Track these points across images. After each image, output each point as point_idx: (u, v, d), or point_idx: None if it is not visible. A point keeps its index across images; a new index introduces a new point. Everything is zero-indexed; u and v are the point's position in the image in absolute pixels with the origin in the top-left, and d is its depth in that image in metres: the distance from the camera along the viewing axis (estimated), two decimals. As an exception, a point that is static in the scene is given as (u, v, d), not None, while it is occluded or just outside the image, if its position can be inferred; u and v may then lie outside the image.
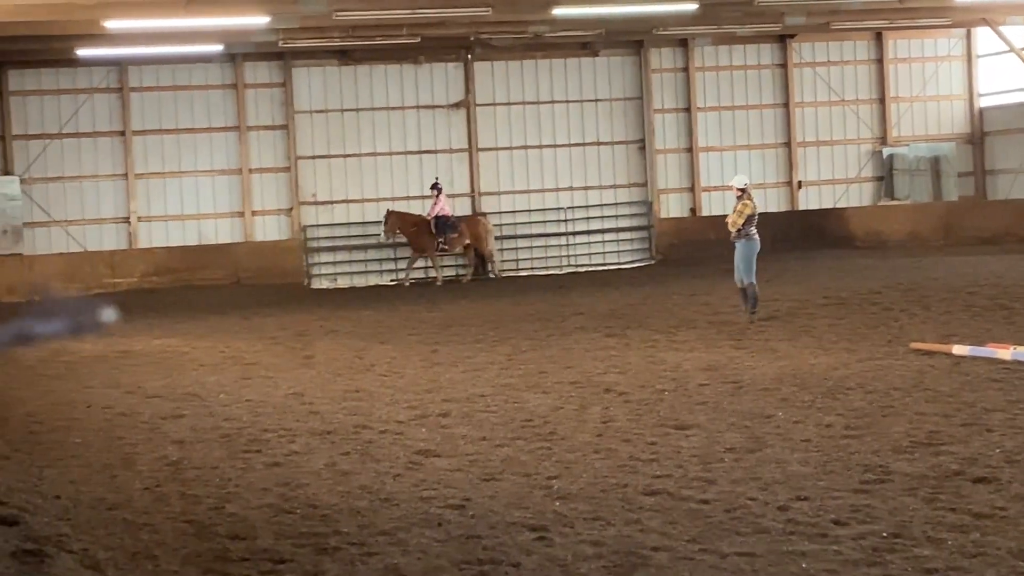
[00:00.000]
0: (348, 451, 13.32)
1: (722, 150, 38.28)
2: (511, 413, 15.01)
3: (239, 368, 19.80)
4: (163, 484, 12.21)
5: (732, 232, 22.16)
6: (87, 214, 34.48)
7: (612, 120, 37.70)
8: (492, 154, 36.86)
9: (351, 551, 9.67)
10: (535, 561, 9.21)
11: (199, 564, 9.51)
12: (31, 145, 34.19)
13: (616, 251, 37.28)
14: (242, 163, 35.34)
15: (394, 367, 19.18)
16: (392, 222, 33.82)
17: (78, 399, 17.52)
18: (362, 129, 36.08)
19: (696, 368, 17.63)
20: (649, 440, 13.13)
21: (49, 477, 12.59)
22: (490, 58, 36.67)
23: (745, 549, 9.23)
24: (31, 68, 33.98)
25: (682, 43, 37.85)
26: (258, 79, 35.59)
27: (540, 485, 11.45)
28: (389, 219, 33.84)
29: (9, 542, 9.80)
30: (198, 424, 15.23)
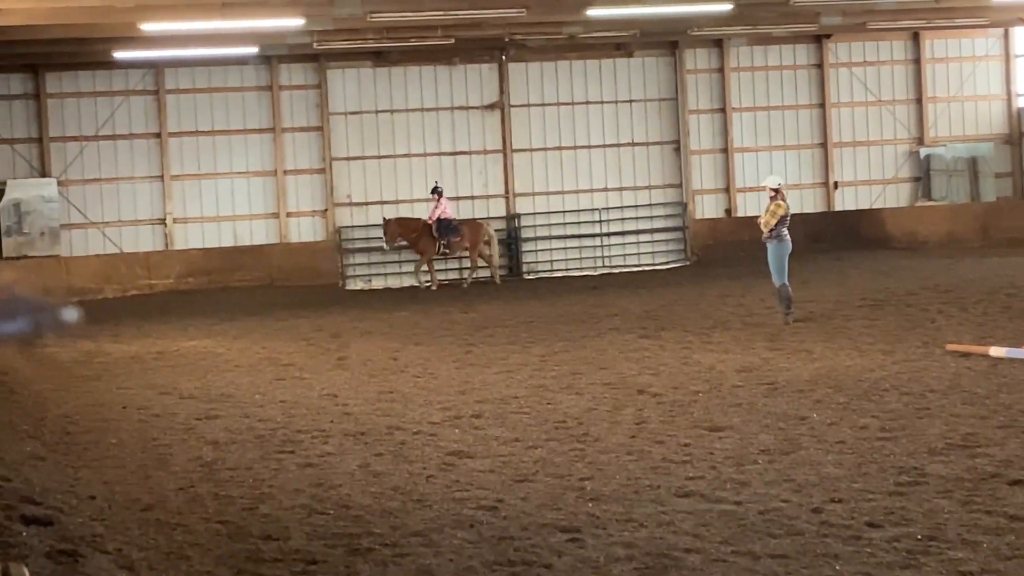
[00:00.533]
0: (381, 452, 13.34)
1: (757, 151, 38.16)
2: (544, 414, 15.00)
3: (273, 369, 19.85)
4: (197, 485, 12.25)
5: (764, 232, 22.07)
6: (123, 216, 34.62)
7: (647, 121, 37.63)
8: (526, 155, 36.83)
9: (384, 552, 9.68)
10: (567, 563, 9.20)
11: (232, 564, 9.54)
12: (68, 147, 34.35)
13: (651, 252, 37.18)
14: (277, 165, 35.43)
15: (428, 368, 19.19)
16: (392, 231, 33.38)
17: (114, 400, 17.59)
18: (396, 130, 36.11)
19: (730, 369, 17.57)
20: (682, 442, 13.10)
21: (84, 478, 12.64)
22: (524, 59, 36.65)
23: (778, 551, 9.20)
24: (68, 71, 34.14)
25: (717, 43, 37.75)
26: (293, 81, 35.67)
27: (573, 487, 11.43)
28: (388, 227, 33.40)
29: (44, 542, 9.85)
30: (232, 425, 15.27)
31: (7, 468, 12.52)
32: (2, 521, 10.22)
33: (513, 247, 36.42)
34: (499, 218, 36.39)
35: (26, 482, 11.99)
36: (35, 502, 11.08)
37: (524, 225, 36.49)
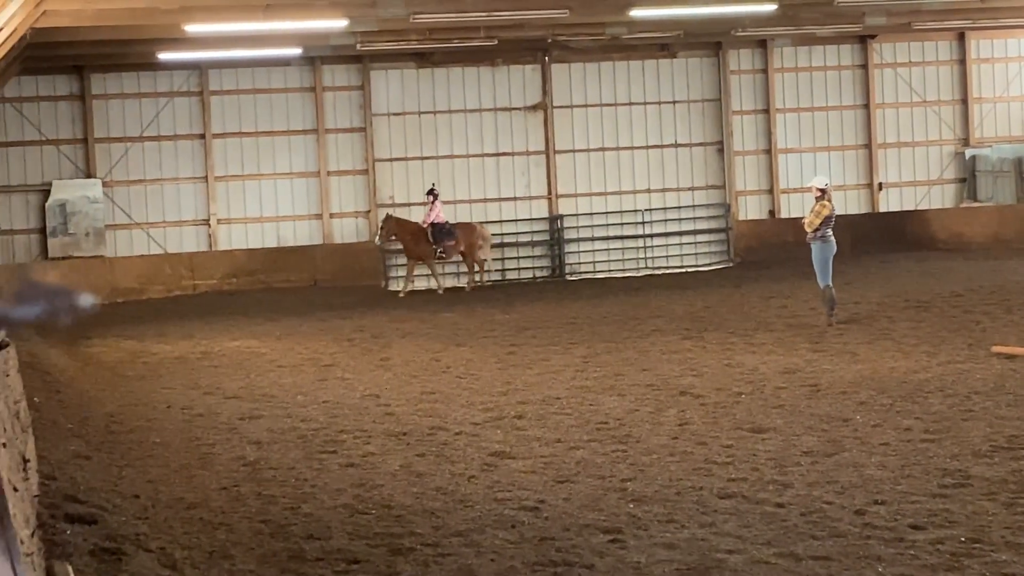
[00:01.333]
0: (423, 452, 13.36)
1: (801, 151, 38.00)
2: (586, 415, 15.00)
3: (316, 370, 19.91)
4: (240, 484, 12.30)
5: (808, 233, 21.98)
6: (168, 216, 34.78)
7: (690, 122, 37.53)
8: (569, 156, 36.80)
9: (425, 552, 9.70)
10: (608, 563, 9.19)
11: (275, 564, 9.57)
12: (113, 148, 34.54)
13: (694, 253, 37.09)
14: (320, 166, 35.51)
15: (470, 369, 19.20)
16: (389, 227, 32.68)
17: (158, 400, 17.69)
18: (439, 131, 36.14)
19: (773, 371, 17.52)
20: (725, 443, 13.07)
21: (128, 476, 12.72)
22: (567, 60, 36.62)
23: (821, 553, 9.16)
24: (113, 72, 34.32)
25: (761, 44, 37.62)
26: (336, 82, 35.75)
27: (614, 488, 11.42)
28: (386, 224, 32.79)
29: (88, 540, 9.90)
30: (275, 425, 15.33)
31: (52, 467, 12.60)
32: (47, 519, 10.28)
33: (556, 248, 36.40)
34: (542, 219, 36.38)
35: (71, 481, 12.07)
36: (79, 501, 11.14)
37: (567, 226, 36.46)
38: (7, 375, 12.00)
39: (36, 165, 34.06)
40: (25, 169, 33.99)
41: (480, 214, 35.92)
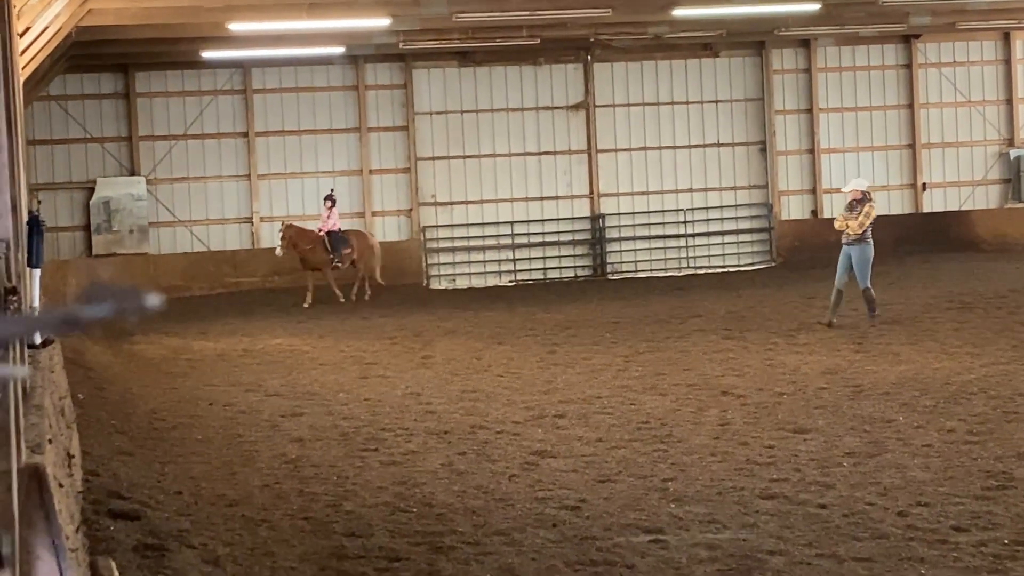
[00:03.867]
0: (464, 451, 13.37)
1: (844, 152, 37.85)
2: (628, 415, 14.98)
3: (358, 367, 19.96)
4: (282, 481, 12.35)
5: (853, 234, 21.85)
6: (211, 214, 34.93)
7: (733, 121, 37.43)
8: (611, 155, 36.77)
9: (466, 550, 9.71)
10: (649, 563, 9.18)
11: (316, 561, 9.60)
12: (157, 146, 34.71)
13: (736, 253, 37.00)
14: (363, 164, 35.59)
15: (511, 368, 19.21)
16: (290, 238, 30.90)
17: (200, 396, 17.77)
18: (481, 130, 36.17)
19: (815, 371, 17.46)
20: (767, 443, 13.03)
21: (171, 473, 12.78)
22: (610, 59, 36.58)
23: (863, 554, 9.13)
24: (157, 70, 34.49)
25: (804, 43, 37.48)
26: (379, 81, 35.83)
27: (656, 487, 11.41)
28: (287, 234, 30.90)
29: (131, 536, 9.96)
30: (317, 422, 15.38)
31: (96, 463, 12.68)
32: (91, 515, 10.35)
33: (598, 248, 36.38)
34: (583, 218, 36.37)
35: (114, 477, 12.14)
36: (123, 497, 11.21)
37: (609, 226, 36.43)
38: (52, 371, 12.08)
39: (81, 163, 34.27)
40: (70, 167, 34.21)
41: (522, 213, 35.95)
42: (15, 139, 8.37)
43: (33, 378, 9.26)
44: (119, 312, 1.58)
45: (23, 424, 6.22)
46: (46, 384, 9.99)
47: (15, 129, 8.82)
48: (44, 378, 10.15)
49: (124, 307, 1.59)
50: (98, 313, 1.63)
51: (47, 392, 9.62)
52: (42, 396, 8.79)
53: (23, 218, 12.41)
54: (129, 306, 1.59)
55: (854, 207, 22.08)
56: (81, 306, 1.75)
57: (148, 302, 1.64)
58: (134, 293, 1.60)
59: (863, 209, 21.86)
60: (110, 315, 1.61)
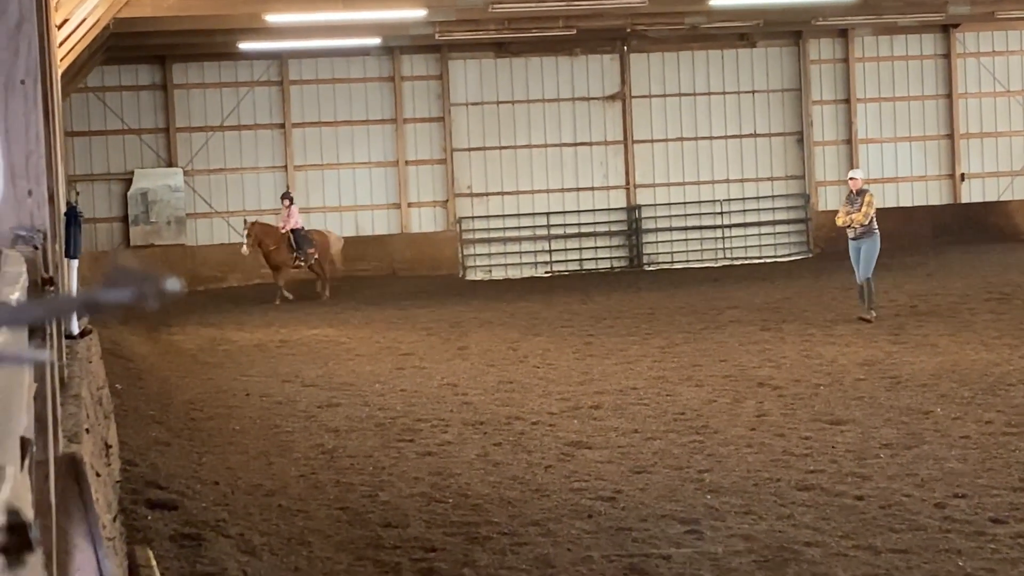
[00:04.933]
0: (500, 442, 13.38)
1: (882, 142, 37.66)
2: (664, 406, 14.96)
3: (394, 358, 19.99)
4: (318, 472, 12.38)
5: (858, 228, 21.58)
6: (247, 205, 35.00)
7: (770, 112, 37.29)
8: (647, 146, 36.68)
9: (502, 541, 9.72)
10: (685, 554, 9.17)
11: (352, 551, 9.63)
12: (194, 137, 34.81)
13: (773, 244, 36.88)
14: (399, 155, 35.62)
15: (547, 359, 19.20)
16: (256, 236, 30.03)
17: (237, 387, 17.83)
18: (517, 121, 36.14)
19: (853, 363, 17.39)
20: (803, 435, 12.99)
21: (208, 463, 12.83)
22: (646, 50, 36.49)
23: (900, 546, 9.09)
24: (194, 62, 34.58)
25: (842, 33, 37.30)
26: (415, 72, 35.83)
27: (692, 478, 11.39)
28: (253, 232, 30.09)
29: (169, 526, 10.01)
30: (353, 413, 15.41)
31: (134, 453, 12.75)
32: (128, 505, 10.40)
33: (634, 238, 36.32)
34: (619, 209, 36.32)
35: (152, 467, 12.20)
36: (160, 487, 11.26)
37: (645, 216, 36.36)
38: (90, 362, 12.14)
39: (119, 154, 34.42)
40: (108, 158, 34.36)
41: (558, 204, 35.92)
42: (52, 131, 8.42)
43: (71, 368, 9.31)
44: (140, 297, 1.59)
45: (61, 414, 6.26)
46: (84, 374, 10.04)
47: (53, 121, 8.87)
48: (82, 369, 10.21)
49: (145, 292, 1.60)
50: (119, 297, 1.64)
51: (85, 382, 9.67)
52: (80, 386, 8.84)
53: (60, 209, 12.48)
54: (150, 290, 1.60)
55: (854, 200, 21.80)
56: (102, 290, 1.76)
57: (169, 287, 1.65)
58: (155, 278, 1.61)
59: (864, 199, 21.63)
60: (131, 299, 1.61)
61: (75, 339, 14.76)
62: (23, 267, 3.99)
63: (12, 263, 4.10)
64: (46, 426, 4.44)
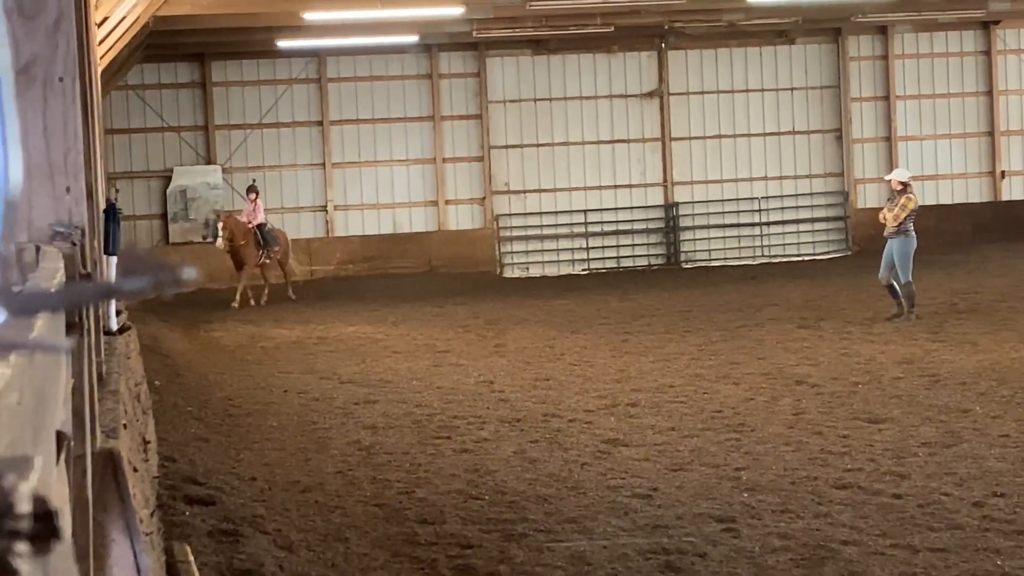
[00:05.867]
0: (537, 439, 13.38)
1: (922, 139, 37.48)
2: (701, 404, 14.93)
3: (431, 355, 20.01)
4: (355, 468, 12.41)
5: (891, 228, 21.42)
6: (286, 203, 35.13)
7: (808, 109, 37.17)
8: (685, 143, 36.62)
9: (538, 538, 9.72)
10: (722, 552, 9.15)
11: (388, 547, 9.65)
12: (233, 135, 34.94)
13: (811, 242, 36.76)
14: (436, 153, 35.67)
15: (584, 356, 19.19)
16: (230, 230, 28.69)
17: (275, 384, 17.89)
18: (555, 118, 36.13)
19: (891, 361, 17.31)
20: (841, 433, 12.94)
21: (246, 459, 12.88)
22: (684, 47, 36.43)
23: (938, 545, 9.05)
24: (233, 59, 34.71)
25: (881, 30, 37.14)
26: (452, 69, 35.88)
27: (728, 476, 11.36)
28: (228, 225, 28.77)
29: (206, 522, 10.05)
30: (390, 410, 15.43)
31: (172, 449, 12.81)
32: (166, 500, 10.45)
33: (671, 236, 36.27)
34: (657, 207, 36.26)
35: (190, 463, 12.26)
36: (198, 482, 11.32)
37: (682, 214, 36.30)
38: (128, 358, 12.21)
39: (158, 151, 34.58)
40: (147, 155, 34.53)
41: (595, 201, 35.90)
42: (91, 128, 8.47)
43: (109, 364, 9.36)
44: (156, 285, 1.61)
45: (98, 410, 6.30)
46: (122, 370, 10.10)
47: (92, 118, 8.92)
48: (120, 364, 10.26)
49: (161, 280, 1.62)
50: (136, 286, 1.66)
51: (123, 378, 9.72)
52: (118, 382, 8.89)
53: (99, 206, 12.54)
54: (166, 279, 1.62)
55: (894, 199, 21.65)
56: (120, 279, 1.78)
57: (184, 276, 1.67)
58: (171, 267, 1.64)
59: (899, 201, 21.44)
60: (147, 288, 1.64)
61: (114, 335, 14.85)
62: (60, 263, 4.01)
63: (50, 259, 4.12)
64: (84, 421, 4.47)
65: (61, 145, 5.82)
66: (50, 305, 1.89)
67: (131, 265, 1.72)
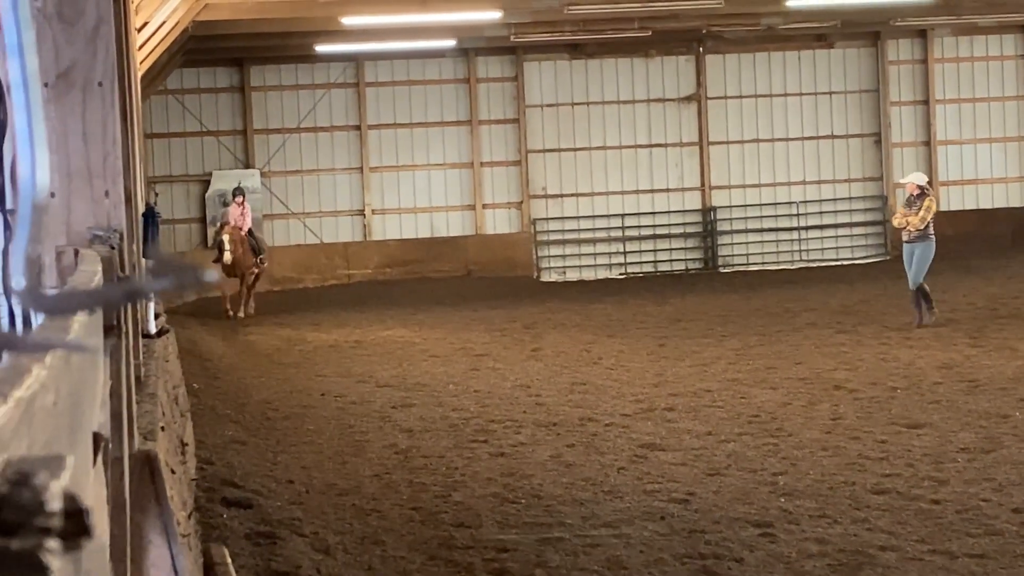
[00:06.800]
0: (573, 443, 13.37)
1: (962, 143, 37.27)
2: (738, 408, 14.89)
3: (468, 359, 20.02)
4: (392, 472, 12.43)
5: (913, 232, 21.26)
6: (324, 207, 35.23)
7: (847, 113, 37.02)
8: (723, 148, 36.53)
9: (574, 542, 9.71)
10: (758, 557, 9.12)
11: (425, 550, 9.66)
12: (271, 139, 35.06)
13: (849, 246, 36.60)
14: (473, 157, 35.69)
15: (621, 360, 19.17)
16: (236, 241, 27.11)
17: (312, 387, 17.94)
18: (592, 123, 36.10)
19: (930, 366, 17.23)
20: (879, 438, 12.88)
21: (283, 462, 12.92)
22: (722, 51, 36.35)
23: (977, 551, 9.00)
24: (272, 64, 34.82)
25: (921, 34, 36.96)
26: (490, 73, 35.89)
27: (765, 481, 11.33)
28: (235, 235, 27.21)
29: (244, 524, 10.09)
30: (427, 414, 15.46)
31: (210, 452, 12.86)
32: (204, 503, 10.50)
33: (709, 240, 36.19)
34: (695, 211, 36.20)
35: (228, 466, 12.30)
36: (236, 485, 11.36)
37: (720, 218, 36.21)
38: (167, 361, 12.26)
39: (197, 155, 34.73)
40: (186, 159, 34.67)
41: (632, 205, 35.86)
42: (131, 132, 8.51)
43: (147, 367, 9.41)
44: (179, 286, 1.64)
45: (136, 412, 6.33)
46: (160, 373, 10.15)
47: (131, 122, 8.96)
48: (158, 367, 10.31)
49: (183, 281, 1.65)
50: (159, 286, 1.69)
51: (161, 381, 9.77)
52: (156, 385, 8.93)
53: (138, 209, 12.60)
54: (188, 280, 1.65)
55: (912, 203, 21.45)
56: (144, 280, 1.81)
57: (205, 277, 1.70)
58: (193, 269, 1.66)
59: (923, 204, 21.27)
60: (170, 288, 1.66)
61: (152, 338, 14.92)
62: (98, 266, 4.04)
63: (88, 262, 4.15)
64: (121, 423, 4.49)
65: (100, 149, 5.85)
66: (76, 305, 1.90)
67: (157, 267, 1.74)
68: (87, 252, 4.57)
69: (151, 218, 18.11)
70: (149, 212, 18.10)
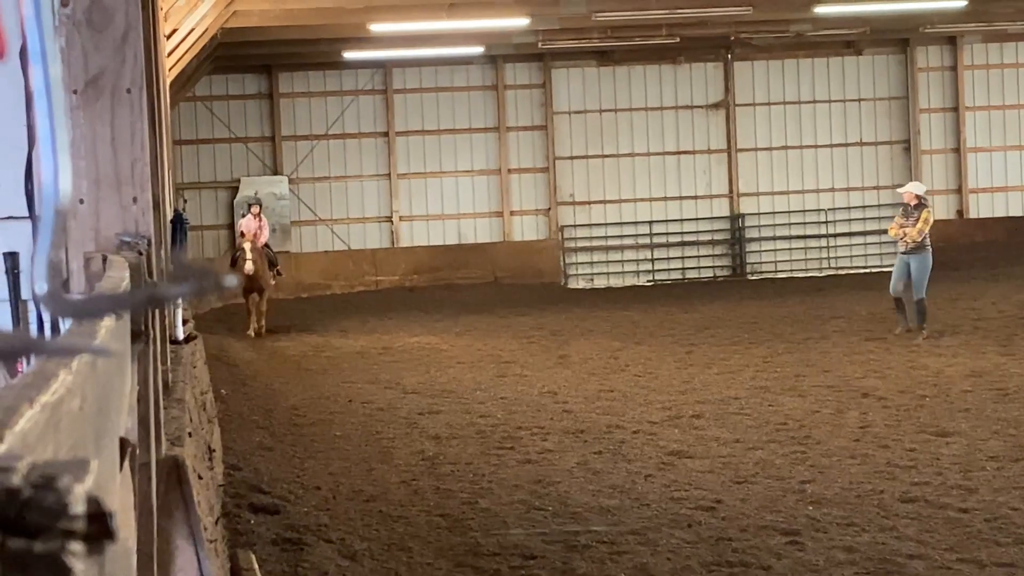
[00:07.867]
0: (600, 450, 13.35)
1: (991, 151, 37.13)
2: (766, 416, 14.85)
3: (495, 366, 20.02)
4: (419, 478, 12.44)
5: (909, 244, 21.10)
6: (351, 213, 35.29)
7: (876, 120, 36.93)
8: (751, 155, 36.47)
9: (601, 549, 9.70)
10: (786, 565, 9.09)
11: (451, 557, 9.66)
12: (299, 146, 35.14)
13: (878, 254, 36.46)
14: (501, 164, 35.71)
15: (648, 368, 19.14)
16: (257, 252, 25.73)
17: (339, 393, 17.96)
18: (620, 130, 36.09)
19: (959, 374, 17.15)
20: (908, 446, 12.83)
21: (310, 468, 12.94)
22: (750, 58, 36.29)
23: (1006, 560, 8.96)
24: (300, 71, 34.92)
25: (950, 41, 36.84)
26: (518, 80, 35.92)
27: (793, 489, 11.30)
28: (255, 245, 25.92)
29: (271, 530, 10.11)
30: (454, 420, 15.46)
31: (238, 457, 12.89)
32: (232, 509, 10.52)
33: (737, 247, 36.13)
34: (723, 218, 36.14)
35: (255, 472, 12.33)
36: (263, 491, 11.38)
37: (748, 225, 36.15)
38: (194, 367, 12.29)
39: (225, 162, 34.83)
40: (215, 166, 34.78)
41: (660, 212, 35.83)
42: (159, 139, 8.54)
43: (175, 373, 9.44)
44: (199, 290, 1.65)
45: (164, 418, 6.35)
46: (188, 379, 10.17)
47: (160, 129, 9.00)
48: (186, 373, 10.34)
49: (204, 286, 1.66)
50: (180, 292, 1.70)
51: (188, 387, 9.80)
52: (183, 391, 8.96)
53: (166, 216, 12.65)
54: (208, 285, 1.66)
55: (910, 213, 21.26)
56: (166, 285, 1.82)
57: (225, 283, 1.71)
58: (213, 274, 1.68)
59: (920, 215, 21.10)
60: (191, 293, 1.68)
61: (180, 344, 14.95)
62: (126, 272, 4.05)
63: (116, 268, 4.16)
64: (149, 429, 4.50)
65: (128, 156, 5.87)
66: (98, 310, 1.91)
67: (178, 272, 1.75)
68: (115, 258, 4.58)
69: (179, 224, 18.14)
70: (177, 218, 18.13)
